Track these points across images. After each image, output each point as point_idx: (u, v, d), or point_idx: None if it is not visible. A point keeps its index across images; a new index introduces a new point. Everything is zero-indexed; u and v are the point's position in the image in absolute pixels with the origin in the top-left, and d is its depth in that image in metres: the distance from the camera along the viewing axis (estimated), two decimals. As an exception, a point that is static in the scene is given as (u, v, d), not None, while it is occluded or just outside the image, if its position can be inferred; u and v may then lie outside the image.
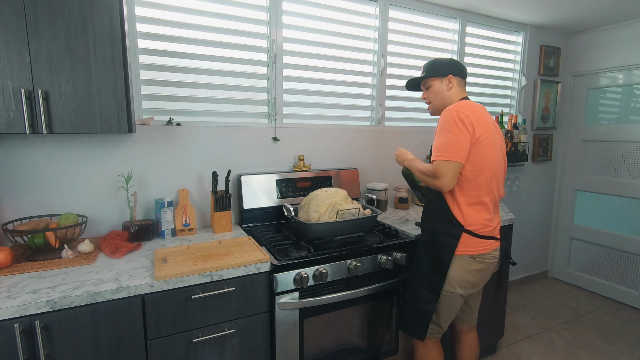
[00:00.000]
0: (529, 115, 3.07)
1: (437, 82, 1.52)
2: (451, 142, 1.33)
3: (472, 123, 1.34)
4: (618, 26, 2.83)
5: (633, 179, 2.84)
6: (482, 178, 1.39)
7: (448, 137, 1.34)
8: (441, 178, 1.34)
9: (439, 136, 1.38)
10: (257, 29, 1.95)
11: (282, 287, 1.41)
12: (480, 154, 1.37)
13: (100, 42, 1.31)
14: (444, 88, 1.51)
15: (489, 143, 1.39)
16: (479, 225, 1.42)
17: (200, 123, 1.87)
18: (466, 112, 1.35)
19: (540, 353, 2.29)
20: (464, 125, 1.33)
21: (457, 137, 1.33)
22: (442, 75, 1.51)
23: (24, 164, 1.52)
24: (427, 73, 1.55)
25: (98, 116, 1.34)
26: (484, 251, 1.44)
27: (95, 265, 1.33)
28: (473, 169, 1.37)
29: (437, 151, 1.36)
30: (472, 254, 1.42)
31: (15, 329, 1.02)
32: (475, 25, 2.69)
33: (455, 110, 1.36)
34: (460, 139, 1.33)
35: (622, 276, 2.94)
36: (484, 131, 1.38)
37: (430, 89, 1.55)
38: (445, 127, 1.36)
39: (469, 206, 1.41)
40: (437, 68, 1.53)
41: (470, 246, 1.42)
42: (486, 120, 1.42)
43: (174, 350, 1.26)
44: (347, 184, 2.14)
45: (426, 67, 1.57)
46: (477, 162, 1.37)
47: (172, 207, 1.68)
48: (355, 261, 1.53)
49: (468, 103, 1.44)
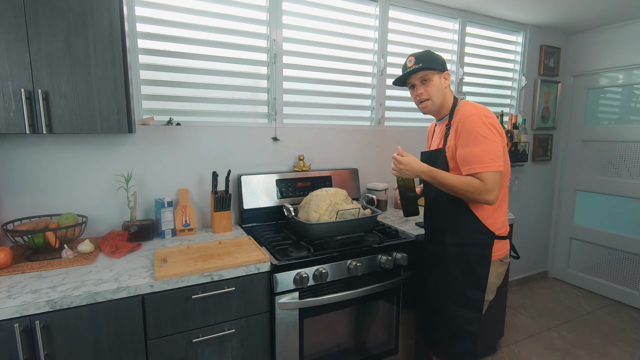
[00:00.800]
0: (529, 115, 3.07)
1: (437, 76, 1.39)
2: (493, 151, 1.23)
3: (499, 124, 1.30)
4: (618, 26, 2.83)
5: (633, 179, 2.83)
6: (506, 181, 1.36)
7: (488, 145, 1.23)
8: (493, 192, 1.23)
9: (474, 144, 1.25)
10: (257, 29, 1.95)
11: (282, 287, 1.41)
12: (505, 159, 1.32)
13: (100, 42, 1.31)
14: (443, 84, 1.40)
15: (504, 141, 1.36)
16: (504, 228, 1.39)
17: (200, 123, 1.87)
18: (489, 115, 1.29)
19: (540, 353, 2.29)
20: (496, 131, 1.27)
21: (496, 144, 1.24)
22: (442, 70, 1.40)
23: (24, 164, 1.52)
24: (427, 64, 1.37)
25: (98, 116, 1.34)
26: (507, 252, 1.42)
27: (95, 265, 1.33)
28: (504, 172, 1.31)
29: (481, 161, 1.23)
30: (502, 257, 1.39)
31: (15, 329, 1.02)
32: (475, 25, 2.69)
33: (483, 116, 1.27)
34: (499, 146, 1.25)
35: (622, 276, 2.94)
36: (500, 130, 1.32)
37: (428, 83, 1.39)
38: (481, 134, 1.24)
39: (496, 212, 1.36)
40: (435, 61, 1.38)
41: (499, 249, 1.37)
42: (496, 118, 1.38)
43: (174, 350, 1.26)
44: (347, 184, 2.14)
45: (421, 58, 1.38)
46: (506, 163, 1.33)
47: (172, 207, 1.68)
48: (355, 261, 1.53)
49: (476, 104, 1.37)
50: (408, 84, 1.46)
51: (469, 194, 1.25)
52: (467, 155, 1.26)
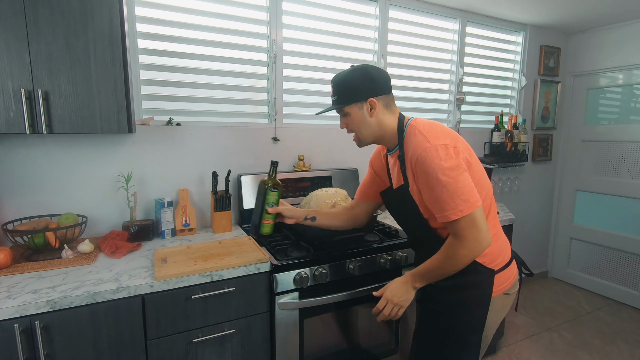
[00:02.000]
0: (529, 115, 3.07)
1: (355, 109, 1.15)
2: (462, 188, 1.00)
3: (457, 148, 1.04)
4: (618, 26, 2.83)
5: (633, 179, 2.83)
6: (491, 202, 1.15)
7: (453, 184, 0.99)
8: (480, 240, 1.01)
9: (438, 187, 1.00)
10: (257, 29, 1.95)
11: (282, 287, 1.41)
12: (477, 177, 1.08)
13: (100, 42, 1.31)
14: (366, 115, 1.15)
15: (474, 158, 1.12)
16: (502, 255, 1.16)
17: (200, 123, 1.87)
18: (441, 139, 1.04)
19: (540, 353, 2.29)
20: (456, 156, 1.02)
21: (460, 179, 1.00)
22: (360, 100, 1.14)
23: (24, 164, 1.52)
24: (340, 98, 1.16)
25: (98, 116, 1.34)
26: (513, 280, 1.19)
27: (95, 265, 1.33)
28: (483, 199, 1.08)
29: (453, 206, 0.99)
30: (506, 290, 1.16)
31: (15, 329, 1.02)
32: (475, 25, 2.69)
33: (437, 146, 1.02)
34: (463, 176, 1.01)
35: (622, 276, 2.94)
36: (464, 147, 1.09)
37: (348, 117, 1.18)
38: (441, 174, 1.00)
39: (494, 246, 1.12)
40: (352, 90, 1.13)
41: (502, 283, 1.15)
42: (455, 134, 1.12)
43: (174, 350, 1.26)
44: (347, 184, 2.14)
45: (337, 87, 1.16)
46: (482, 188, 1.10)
47: (172, 207, 1.68)
48: (355, 261, 1.53)
49: (425, 125, 1.10)
50: None
51: (460, 260, 1.04)
52: (435, 201, 1.04)
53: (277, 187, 1.35)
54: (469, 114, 2.79)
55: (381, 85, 1.15)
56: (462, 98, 2.66)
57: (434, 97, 2.61)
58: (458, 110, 2.68)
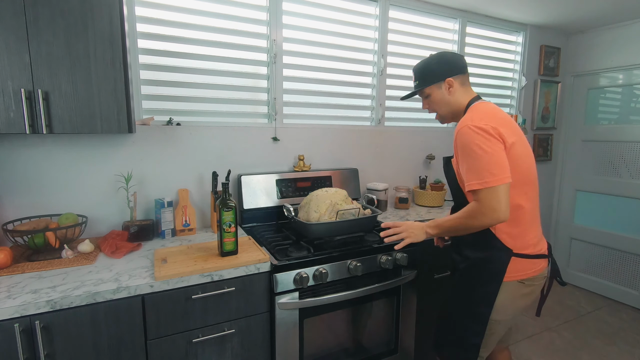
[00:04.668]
0: (529, 115, 3.07)
1: (435, 89, 1.33)
2: (489, 161, 1.09)
3: (497, 129, 1.13)
4: (618, 26, 2.82)
5: (633, 179, 2.83)
6: (529, 188, 1.20)
7: (481, 159, 1.10)
8: (497, 211, 1.08)
9: (469, 159, 1.13)
10: (257, 29, 1.95)
11: (282, 287, 1.41)
12: (519, 162, 1.16)
13: (100, 42, 1.31)
14: (445, 94, 1.31)
15: (522, 144, 1.19)
16: (531, 247, 1.22)
17: (200, 123, 1.87)
18: (484, 121, 1.14)
19: (540, 353, 2.29)
20: (491, 136, 1.11)
21: (491, 156, 1.09)
22: (439, 81, 1.31)
23: (24, 164, 1.52)
24: (421, 82, 1.35)
25: (98, 116, 1.34)
26: (534, 274, 1.23)
27: (95, 265, 1.33)
28: (516, 181, 1.15)
29: (477, 177, 1.10)
30: (522, 279, 1.22)
31: (15, 329, 1.02)
32: (475, 25, 2.69)
33: (474, 126, 1.13)
34: (496, 157, 1.09)
35: (622, 276, 2.94)
36: (511, 132, 1.16)
37: (429, 98, 1.35)
38: (472, 149, 1.11)
39: (515, 226, 1.19)
40: (431, 73, 1.32)
41: (519, 270, 1.21)
42: (508, 119, 1.22)
43: (174, 351, 1.26)
44: (347, 184, 2.14)
45: (418, 73, 1.37)
46: (519, 172, 1.16)
47: (172, 207, 1.68)
48: (355, 261, 1.53)
49: (480, 107, 1.23)
50: None
51: (474, 223, 1.15)
52: (465, 172, 1.16)
53: (230, 207, 1.37)
54: (469, 114, 2.79)
55: (457, 66, 1.31)
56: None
57: (434, 97, 2.60)
58: (458, 110, 2.68)
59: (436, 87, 1.33)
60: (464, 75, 1.32)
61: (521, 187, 1.18)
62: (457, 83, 1.31)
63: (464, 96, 1.32)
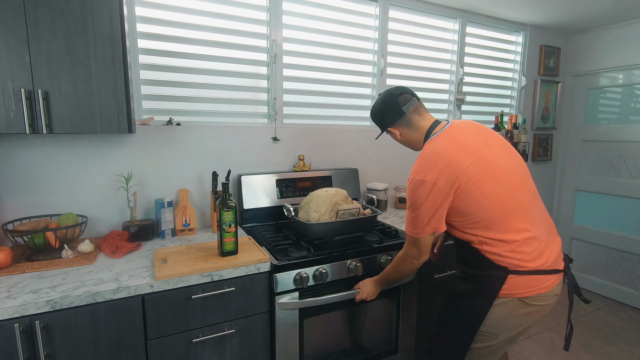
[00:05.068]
0: (529, 115, 3.07)
1: (390, 133, 1.37)
2: (419, 215, 1.18)
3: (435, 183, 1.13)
4: (618, 26, 2.82)
5: (633, 179, 2.83)
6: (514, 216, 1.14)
7: (415, 208, 1.19)
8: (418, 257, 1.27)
9: (408, 206, 1.23)
10: (257, 29, 1.95)
11: (282, 287, 1.41)
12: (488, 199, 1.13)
13: (100, 42, 1.31)
14: (397, 137, 1.36)
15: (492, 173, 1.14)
16: (528, 260, 1.13)
17: (200, 123, 1.87)
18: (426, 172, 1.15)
19: (540, 353, 2.29)
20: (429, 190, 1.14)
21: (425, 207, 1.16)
22: (384, 130, 1.38)
23: (24, 164, 1.52)
24: (380, 128, 1.40)
25: (98, 116, 1.34)
26: (540, 291, 1.13)
27: (95, 265, 1.33)
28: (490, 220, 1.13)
29: (408, 225, 1.24)
30: (524, 296, 1.13)
31: (15, 329, 1.02)
32: (475, 25, 2.69)
33: (414, 179, 1.19)
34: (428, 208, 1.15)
35: (622, 276, 2.94)
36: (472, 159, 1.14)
37: (391, 136, 1.40)
38: (410, 199, 1.21)
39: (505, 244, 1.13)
40: (376, 122, 1.39)
41: (520, 287, 1.12)
42: (469, 144, 1.17)
43: (174, 350, 1.26)
44: (347, 184, 2.14)
45: (372, 119, 1.43)
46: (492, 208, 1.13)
47: (172, 207, 1.68)
48: (356, 261, 1.53)
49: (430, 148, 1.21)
50: None
51: (402, 267, 1.34)
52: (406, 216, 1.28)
53: (230, 207, 1.37)
54: (469, 114, 2.79)
55: (390, 117, 1.32)
56: (462, 98, 2.66)
57: (434, 97, 2.60)
58: (458, 110, 2.69)
59: (388, 132, 1.38)
60: (403, 118, 1.30)
61: (500, 224, 1.13)
62: (401, 128, 1.33)
63: (416, 134, 1.32)
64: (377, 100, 1.38)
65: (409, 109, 1.30)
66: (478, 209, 1.13)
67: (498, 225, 1.13)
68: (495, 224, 1.13)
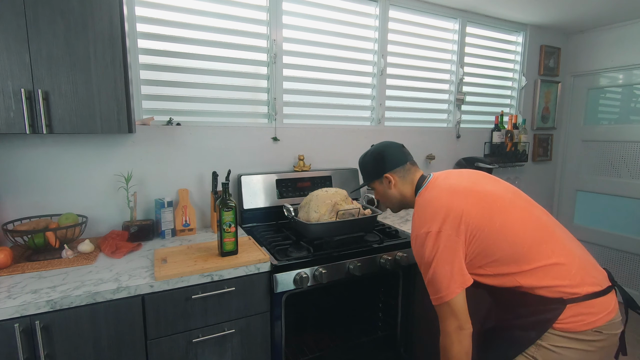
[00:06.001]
0: (529, 115, 3.07)
1: (377, 184, 1.33)
2: (438, 275, 1.04)
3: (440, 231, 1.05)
4: (618, 26, 2.82)
5: (633, 179, 2.83)
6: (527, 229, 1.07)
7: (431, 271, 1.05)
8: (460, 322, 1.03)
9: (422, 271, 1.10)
10: (257, 29, 1.95)
11: (282, 287, 1.41)
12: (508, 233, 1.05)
13: (100, 42, 1.31)
14: (386, 189, 1.30)
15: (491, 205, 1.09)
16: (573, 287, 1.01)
17: (200, 123, 1.87)
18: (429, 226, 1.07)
19: (540, 353, 2.28)
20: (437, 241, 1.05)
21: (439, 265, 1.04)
22: (378, 178, 1.31)
23: (24, 164, 1.52)
24: (364, 177, 1.37)
25: (98, 116, 1.34)
26: (590, 322, 0.98)
27: (95, 265, 1.33)
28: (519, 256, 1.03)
29: (434, 292, 1.07)
30: (573, 329, 0.98)
31: (15, 329, 1.02)
32: (475, 25, 2.69)
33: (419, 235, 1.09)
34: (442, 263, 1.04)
35: (622, 276, 2.94)
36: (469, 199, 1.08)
37: (374, 190, 1.36)
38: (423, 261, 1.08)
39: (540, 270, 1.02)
40: (368, 171, 1.33)
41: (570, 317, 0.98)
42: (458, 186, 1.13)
43: (174, 350, 1.26)
44: (347, 184, 2.14)
45: (360, 168, 1.39)
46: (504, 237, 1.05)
47: (172, 207, 1.68)
48: (355, 261, 1.53)
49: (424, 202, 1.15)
50: None
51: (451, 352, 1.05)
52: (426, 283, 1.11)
53: (230, 207, 1.37)
54: (469, 114, 2.79)
55: (393, 161, 1.28)
56: (462, 98, 2.66)
57: (434, 97, 2.60)
58: (458, 110, 2.69)
59: (378, 182, 1.32)
60: (403, 167, 1.28)
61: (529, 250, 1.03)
62: (397, 177, 1.28)
63: (408, 187, 1.28)
64: (375, 147, 1.34)
65: (410, 160, 1.31)
66: (499, 244, 1.04)
67: (529, 253, 1.03)
68: (526, 253, 1.03)
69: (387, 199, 1.33)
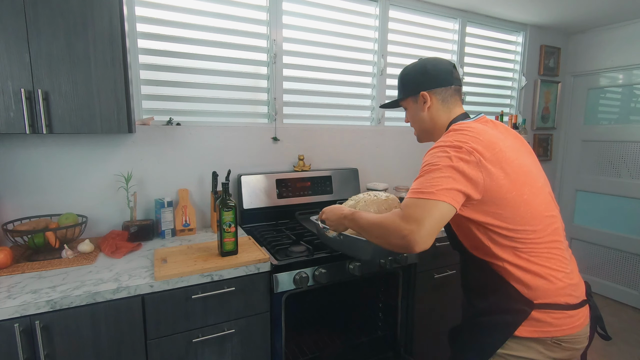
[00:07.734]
0: (529, 115, 3.07)
1: (410, 103, 1.14)
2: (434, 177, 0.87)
3: (472, 151, 0.89)
4: (618, 26, 2.82)
5: (633, 179, 2.83)
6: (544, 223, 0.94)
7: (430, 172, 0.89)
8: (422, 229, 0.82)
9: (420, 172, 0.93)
10: (257, 29, 1.95)
11: (282, 287, 1.40)
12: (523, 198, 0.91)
13: (100, 42, 1.31)
14: (416, 110, 1.12)
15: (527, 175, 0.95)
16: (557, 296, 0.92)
17: (200, 123, 1.87)
18: (459, 140, 0.92)
19: None
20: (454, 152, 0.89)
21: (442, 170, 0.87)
22: (414, 94, 1.11)
23: (24, 164, 1.52)
24: (400, 92, 1.17)
25: (98, 116, 1.34)
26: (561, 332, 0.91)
27: (95, 265, 1.33)
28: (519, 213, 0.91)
29: (417, 186, 0.89)
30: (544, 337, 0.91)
31: (15, 329, 1.02)
32: (475, 25, 2.69)
33: (443, 144, 0.94)
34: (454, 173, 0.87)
35: (622, 276, 2.94)
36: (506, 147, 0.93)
37: (406, 111, 1.18)
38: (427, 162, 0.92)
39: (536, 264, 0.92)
40: (406, 83, 1.14)
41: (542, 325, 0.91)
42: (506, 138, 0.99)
43: (174, 350, 1.26)
44: (347, 184, 2.14)
45: (398, 81, 1.18)
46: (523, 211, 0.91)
47: (172, 207, 1.68)
48: (355, 261, 1.53)
49: (462, 127, 0.97)
50: None
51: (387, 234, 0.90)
52: None
53: (230, 207, 1.36)
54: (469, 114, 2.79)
55: (436, 79, 1.08)
56: (462, 98, 2.66)
57: (434, 97, 2.60)
58: (458, 110, 2.68)
59: (412, 100, 1.13)
60: (447, 90, 1.08)
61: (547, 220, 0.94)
62: (436, 99, 1.09)
63: (444, 114, 1.09)
64: (423, 59, 1.14)
65: (456, 84, 1.10)
66: (516, 210, 0.91)
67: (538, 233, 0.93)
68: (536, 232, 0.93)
69: (416, 122, 1.14)
